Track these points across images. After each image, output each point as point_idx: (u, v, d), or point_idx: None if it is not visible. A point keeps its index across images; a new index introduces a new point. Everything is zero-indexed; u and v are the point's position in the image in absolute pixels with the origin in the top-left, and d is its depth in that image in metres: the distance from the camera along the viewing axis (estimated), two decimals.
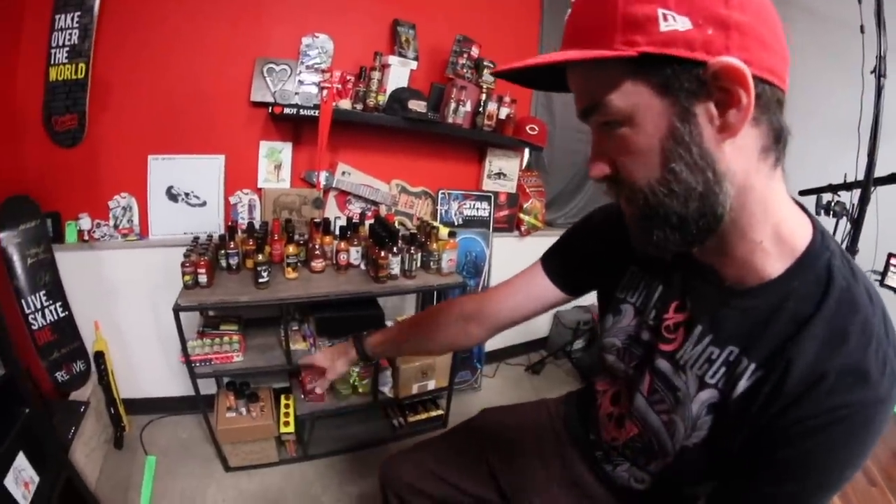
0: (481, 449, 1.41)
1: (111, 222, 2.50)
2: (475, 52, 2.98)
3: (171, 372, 2.81)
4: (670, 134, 0.64)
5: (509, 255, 3.53)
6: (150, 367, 2.81)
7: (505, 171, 3.49)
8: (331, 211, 2.95)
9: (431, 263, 2.68)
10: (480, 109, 3.00)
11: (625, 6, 0.60)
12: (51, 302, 2.28)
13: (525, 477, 1.31)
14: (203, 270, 2.17)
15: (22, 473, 1.61)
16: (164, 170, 2.55)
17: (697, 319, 0.85)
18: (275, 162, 2.73)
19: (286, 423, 2.52)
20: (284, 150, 2.75)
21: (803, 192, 2.52)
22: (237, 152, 2.67)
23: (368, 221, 2.82)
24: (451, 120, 2.90)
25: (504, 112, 3.07)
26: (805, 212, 0.78)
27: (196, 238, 2.43)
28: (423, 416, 3.00)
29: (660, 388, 0.93)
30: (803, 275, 0.73)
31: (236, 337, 2.39)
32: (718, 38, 0.59)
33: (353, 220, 2.75)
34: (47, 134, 2.29)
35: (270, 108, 2.49)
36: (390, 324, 2.66)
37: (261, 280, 2.24)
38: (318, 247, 2.48)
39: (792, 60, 0.66)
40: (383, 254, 2.42)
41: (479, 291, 3.31)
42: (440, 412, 3.04)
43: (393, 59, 2.73)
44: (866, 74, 2.22)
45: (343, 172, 2.90)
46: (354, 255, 2.59)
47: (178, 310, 2.07)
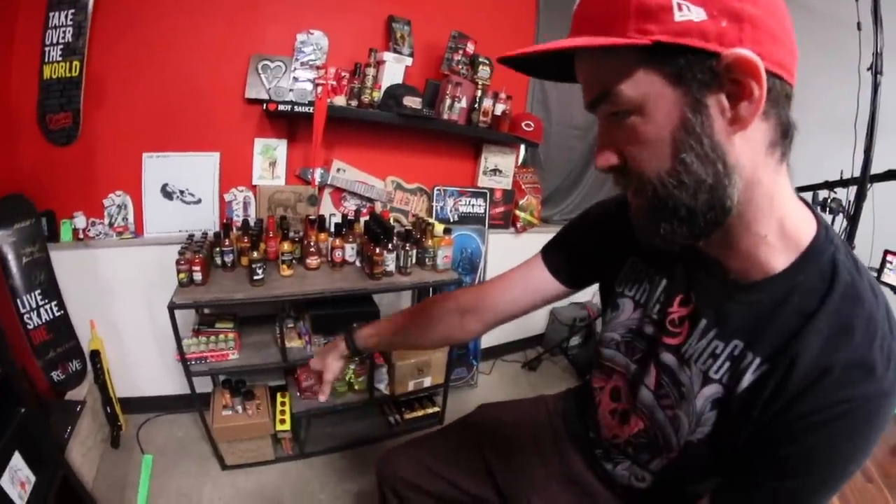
0: (478, 445, 1.41)
1: (106, 220, 2.50)
2: (470, 48, 2.99)
3: (167, 370, 2.81)
4: (682, 124, 0.64)
5: (505, 252, 3.55)
6: (146, 365, 2.82)
7: (500, 167, 3.49)
8: (326, 208, 2.96)
9: (427, 260, 2.69)
10: (476, 106, 3.02)
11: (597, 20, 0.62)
12: (46, 301, 2.28)
13: (523, 474, 1.30)
14: (198, 268, 2.18)
15: (18, 473, 1.61)
16: (158, 167, 2.55)
17: (702, 313, 0.85)
18: (269, 159, 2.74)
19: (282, 421, 2.53)
20: (279, 147, 2.75)
21: (799, 189, 2.53)
22: (232, 149, 2.67)
23: (363, 218, 2.83)
24: (446, 116, 2.90)
25: (499, 108, 3.09)
26: (809, 207, 0.79)
27: (191, 236, 2.43)
28: (420, 412, 3.02)
29: (665, 382, 0.93)
30: (808, 269, 0.74)
31: (232, 335, 2.39)
32: (732, 30, 0.59)
33: (349, 217, 2.75)
34: (42, 132, 2.29)
35: (265, 105, 2.49)
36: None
37: (256, 277, 2.24)
38: (313, 244, 2.48)
39: None
40: (378, 250, 2.43)
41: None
42: (436, 409, 3.06)
43: (388, 56, 2.73)
44: (863, 71, 2.22)
45: (338, 169, 2.91)
46: (350, 251, 2.59)
47: (172, 308, 2.08)
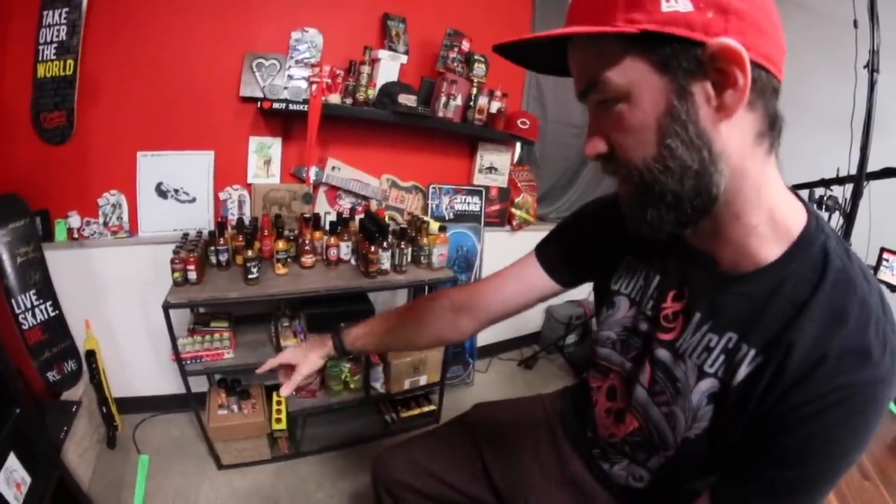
0: (475, 445, 1.41)
1: (100, 220, 2.51)
2: (466, 46, 2.99)
3: (163, 370, 2.82)
4: (667, 111, 0.66)
5: (501, 250, 3.56)
6: (141, 365, 2.83)
7: (496, 165, 3.50)
8: (321, 206, 2.97)
9: (422, 258, 2.71)
10: (471, 103, 3.03)
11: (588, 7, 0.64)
12: (41, 301, 2.28)
13: (520, 474, 1.30)
14: (192, 267, 2.18)
15: (14, 474, 1.61)
16: (153, 166, 2.56)
17: (696, 307, 0.87)
18: (264, 157, 2.75)
19: (278, 420, 2.53)
20: (274, 146, 2.76)
21: (796, 187, 2.55)
22: (226, 148, 2.68)
23: (359, 216, 2.83)
24: (441, 114, 2.91)
25: (495, 106, 3.09)
26: (799, 198, 0.80)
27: (185, 235, 2.44)
28: (416, 411, 3.03)
29: (660, 378, 0.93)
30: (799, 258, 0.75)
31: (227, 334, 2.40)
32: (718, 21, 0.61)
33: (344, 216, 2.76)
34: (36, 131, 2.30)
35: (259, 104, 2.50)
36: None
37: (250, 276, 2.25)
38: (307, 242, 2.49)
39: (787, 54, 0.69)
40: (373, 249, 2.44)
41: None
42: (433, 407, 3.07)
43: (383, 54, 2.75)
44: (859, 69, 2.24)
45: (333, 167, 2.92)
46: (345, 250, 2.60)
47: (167, 307, 2.09)
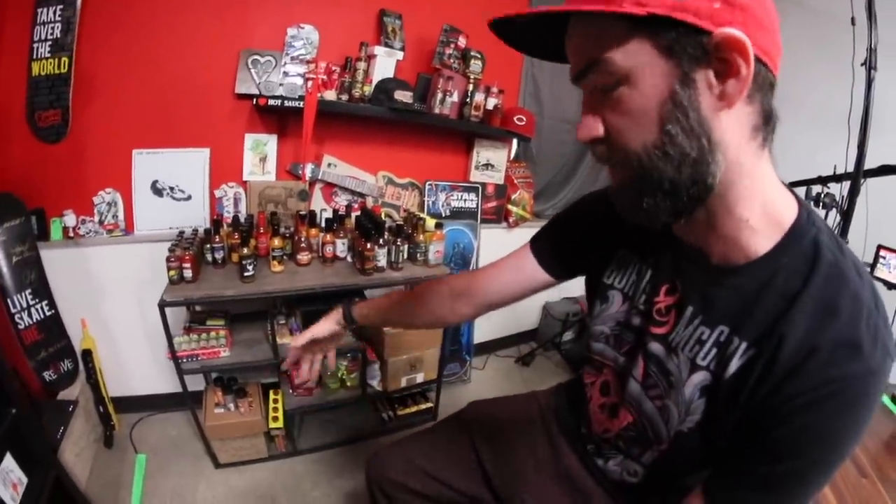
0: (470, 443, 1.42)
1: (96, 218, 2.51)
2: (462, 42, 3.00)
3: (160, 369, 2.83)
4: (670, 96, 0.66)
5: (497, 247, 3.49)
6: (138, 364, 2.83)
7: (493, 162, 3.52)
8: (317, 203, 2.98)
9: (418, 255, 2.72)
10: (467, 100, 3.04)
11: None
12: (37, 300, 2.28)
13: (516, 472, 1.31)
14: (188, 265, 2.19)
15: (10, 475, 1.62)
16: (148, 164, 2.57)
17: (688, 300, 0.87)
18: (260, 154, 2.76)
19: (275, 419, 2.54)
20: (269, 143, 2.77)
21: (793, 184, 2.56)
22: (222, 145, 2.68)
23: (355, 213, 2.83)
24: (437, 111, 2.92)
25: (491, 102, 3.10)
26: (791, 192, 0.81)
27: (181, 232, 2.45)
28: (413, 409, 3.05)
29: (653, 372, 0.94)
30: (791, 251, 0.76)
31: (223, 332, 2.41)
32: (724, 12, 0.62)
33: (340, 213, 2.77)
34: (31, 130, 2.30)
35: (255, 100, 2.51)
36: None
37: (246, 274, 2.26)
38: (303, 239, 2.50)
39: (783, 52, 0.70)
40: (369, 246, 2.45)
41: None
42: (430, 405, 3.09)
43: (379, 50, 2.75)
44: (857, 67, 2.24)
45: (329, 164, 2.93)
46: (341, 247, 2.61)
47: (163, 305, 2.10)
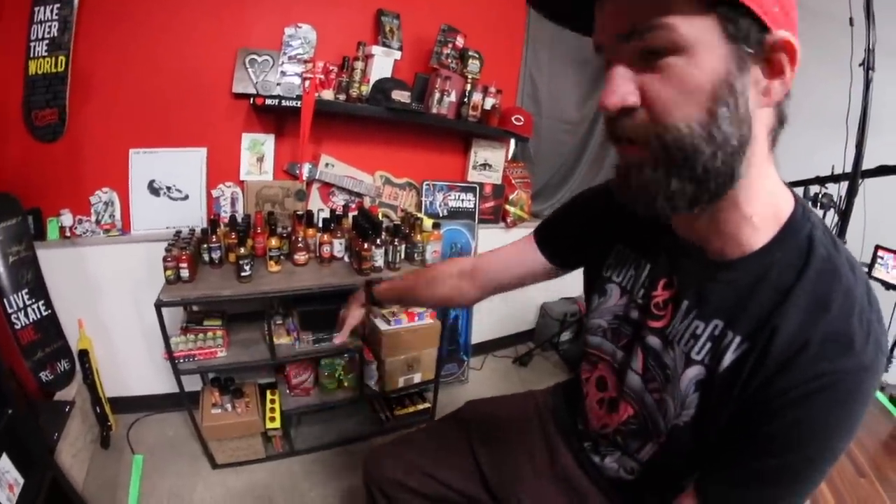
0: (467, 442, 1.42)
1: (93, 218, 2.52)
2: (460, 41, 3.01)
3: (157, 369, 2.83)
4: (726, 78, 0.65)
5: (495, 247, 3.53)
6: (135, 364, 2.84)
7: (490, 162, 3.53)
8: (314, 203, 2.98)
9: (416, 255, 2.73)
10: (465, 100, 3.05)
11: None
12: (33, 300, 2.27)
13: (512, 471, 1.32)
14: (185, 265, 2.19)
15: (6, 475, 1.62)
16: (145, 163, 2.57)
17: (684, 294, 0.89)
18: (257, 154, 2.76)
19: (272, 419, 2.55)
20: (267, 142, 2.78)
21: (791, 185, 2.57)
22: (219, 145, 2.69)
23: (352, 213, 2.84)
24: (435, 110, 2.94)
25: (489, 102, 3.11)
26: (788, 188, 0.83)
27: (178, 232, 2.44)
28: (411, 409, 3.06)
29: (652, 366, 0.95)
30: (785, 246, 0.77)
31: (220, 332, 2.41)
32: (781, 16, 0.64)
33: (337, 213, 2.75)
34: (27, 129, 2.30)
35: (252, 100, 2.52)
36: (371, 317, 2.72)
37: (243, 274, 2.26)
38: (301, 239, 2.50)
39: None
40: (367, 246, 2.45)
41: None
42: (427, 405, 3.10)
43: (377, 50, 2.76)
44: (855, 67, 2.25)
45: (326, 164, 2.94)
46: (338, 247, 2.61)
47: (159, 305, 2.10)
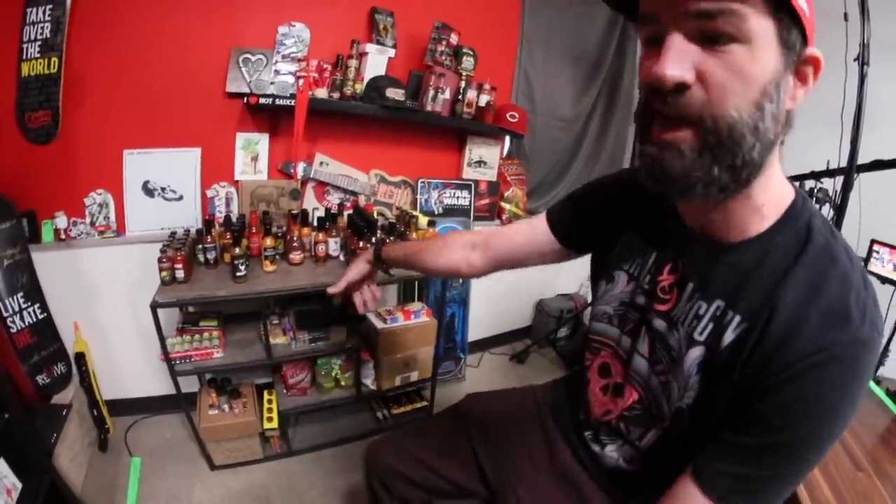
0: (466, 436, 1.44)
1: (87, 220, 2.52)
2: (454, 39, 3.02)
3: (154, 371, 2.81)
4: (774, 77, 0.69)
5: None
6: (131, 366, 2.84)
7: (485, 159, 3.54)
8: (309, 202, 2.99)
9: None
10: (459, 97, 3.06)
11: None
12: (29, 304, 2.27)
13: (510, 465, 1.33)
14: (180, 266, 2.20)
15: (3, 480, 1.63)
16: (139, 164, 2.58)
17: (689, 277, 0.91)
18: (251, 154, 2.77)
19: (269, 419, 2.56)
20: (261, 142, 2.78)
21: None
22: (213, 145, 2.70)
23: (347, 212, 2.84)
24: (429, 108, 2.95)
25: (483, 99, 3.13)
26: (790, 181, 0.86)
27: (173, 233, 2.45)
28: (408, 407, 3.07)
29: (658, 348, 0.97)
30: (785, 231, 0.80)
31: (216, 333, 2.42)
32: (812, 35, 0.71)
33: (332, 211, 2.79)
34: (20, 131, 2.31)
35: (246, 99, 2.53)
36: (371, 315, 2.74)
37: (238, 274, 2.26)
38: (296, 239, 2.51)
39: None
40: (362, 244, 2.46)
41: (459, 281, 3.44)
42: (424, 403, 3.11)
43: (370, 47, 2.78)
44: (849, 62, 2.26)
45: (321, 163, 2.94)
46: (333, 246, 2.61)
47: (155, 306, 2.10)
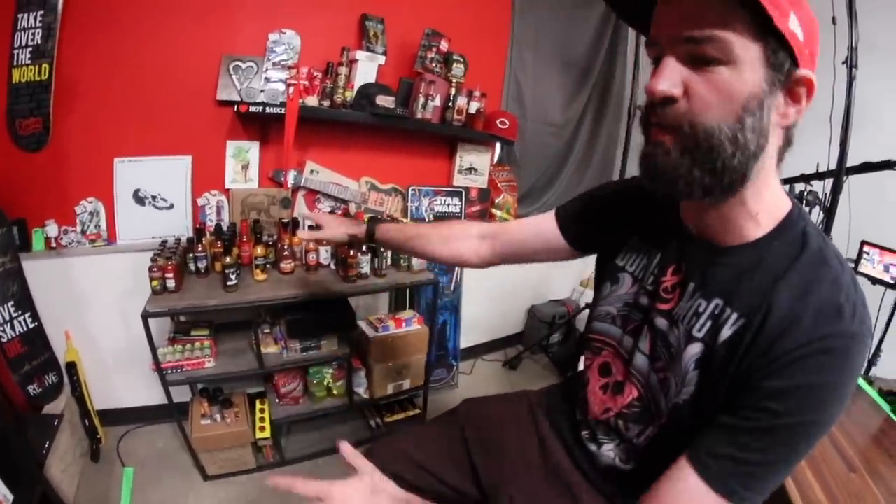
0: (462, 439, 1.45)
1: (78, 228, 2.53)
2: (444, 45, 3.04)
3: (145, 380, 2.81)
4: (758, 94, 0.76)
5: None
6: (123, 375, 2.83)
7: (476, 165, 3.55)
8: (300, 210, 2.98)
9: (401, 261, 2.75)
10: (450, 104, 3.08)
11: None
12: (20, 313, 2.27)
13: (504, 470, 1.34)
14: (171, 275, 2.20)
15: None
16: (130, 172, 2.59)
17: (690, 278, 0.96)
18: (242, 162, 2.78)
19: (262, 429, 2.56)
20: (252, 150, 2.79)
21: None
22: (204, 153, 2.71)
23: None
24: (419, 115, 2.96)
25: (474, 106, 3.14)
26: (787, 193, 0.93)
27: (164, 242, 2.46)
28: (401, 415, 3.08)
29: (658, 346, 1.01)
30: (781, 237, 0.87)
31: (207, 342, 2.42)
32: (808, 59, 0.77)
33: None
34: (11, 138, 2.31)
35: (236, 107, 2.54)
36: (363, 324, 2.75)
37: (229, 283, 2.26)
38: (286, 247, 2.51)
39: None
40: (352, 253, 2.47)
41: (451, 287, 3.45)
42: (417, 411, 3.12)
43: (361, 55, 2.79)
44: (838, 65, 2.28)
45: (311, 171, 2.95)
46: (324, 254, 2.63)
47: (146, 316, 2.11)
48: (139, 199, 2.63)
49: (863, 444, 1.79)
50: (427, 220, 3.34)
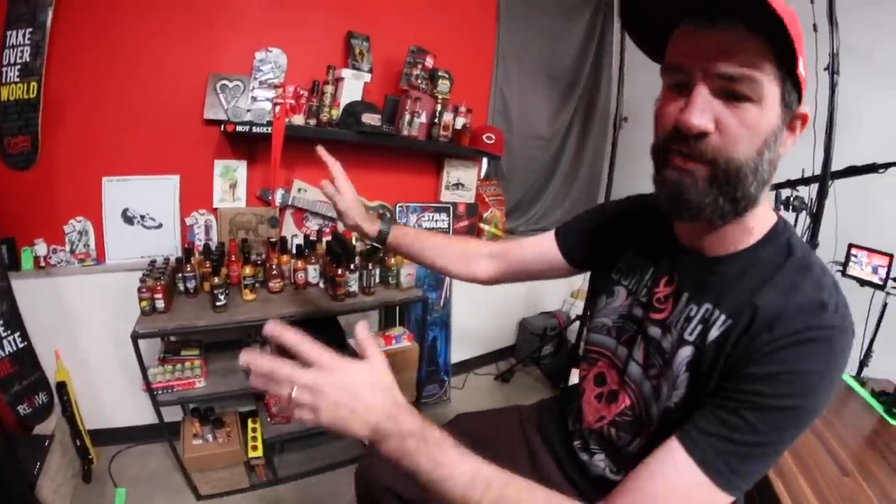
0: None
1: (67, 247, 2.53)
2: (430, 62, 3.07)
3: (136, 400, 2.79)
4: (774, 131, 0.84)
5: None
6: (114, 395, 2.82)
7: (463, 181, 3.58)
8: (288, 229, 3.02)
9: (390, 279, 2.76)
10: (436, 120, 3.10)
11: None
12: (9, 332, 2.26)
13: None
14: (160, 295, 2.20)
15: None
16: (118, 192, 2.60)
17: (683, 287, 1.02)
18: (230, 181, 2.80)
19: (254, 448, 2.54)
20: (239, 169, 2.82)
21: None
22: (192, 172, 2.72)
23: (326, 238, 2.87)
24: (406, 132, 2.99)
25: (460, 122, 3.18)
26: (773, 207, 1.05)
27: (153, 261, 2.45)
28: None
29: (652, 353, 1.06)
30: (769, 246, 0.95)
31: (198, 362, 2.41)
32: (802, 98, 0.87)
33: (311, 238, 2.79)
34: (0, 156, 2.33)
35: (223, 127, 2.55)
36: (352, 342, 2.74)
37: (218, 303, 2.27)
38: (275, 266, 2.51)
39: None
40: (341, 271, 2.47)
41: (440, 303, 3.45)
42: None
43: (346, 73, 2.82)
44: (820, 72, 2.32)
45: (299, 189, 2.98)
46: (312, 273, 2.63)
47: (136, 337, 2.11)
48: (128, 219, 2.64)
49: (855, 447, 1.80)
50: None
